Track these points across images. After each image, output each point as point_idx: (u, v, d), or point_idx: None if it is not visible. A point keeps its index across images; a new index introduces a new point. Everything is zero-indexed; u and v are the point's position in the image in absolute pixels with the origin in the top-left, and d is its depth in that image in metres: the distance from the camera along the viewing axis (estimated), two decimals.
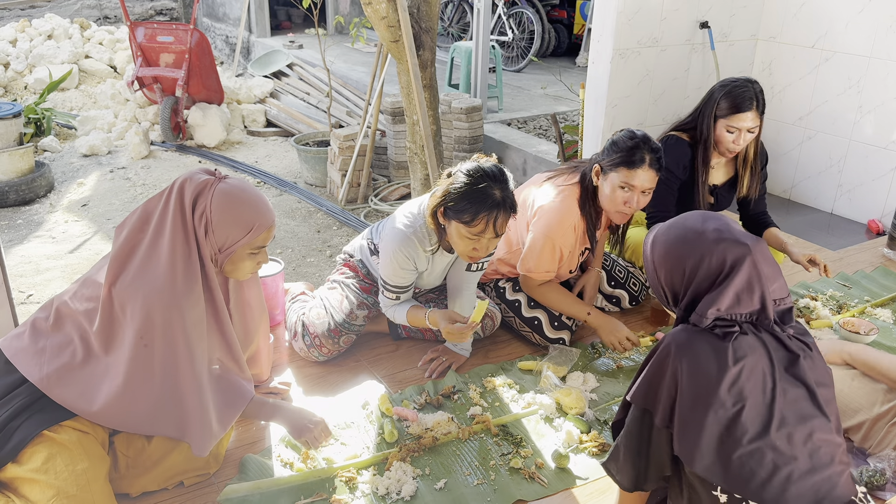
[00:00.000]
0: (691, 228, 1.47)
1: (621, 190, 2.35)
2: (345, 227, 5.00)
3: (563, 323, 2.60)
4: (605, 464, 1.57)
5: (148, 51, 6.45)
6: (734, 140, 2.70)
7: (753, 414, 1.36)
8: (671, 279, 1.48)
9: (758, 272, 1.42)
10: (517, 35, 8.18)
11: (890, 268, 3.35)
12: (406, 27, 3.99)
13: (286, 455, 2.05)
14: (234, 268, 1.88)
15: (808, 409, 1.40)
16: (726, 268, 1.42)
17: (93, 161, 6.10)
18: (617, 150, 2.35)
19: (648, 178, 2.34)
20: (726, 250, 1.42)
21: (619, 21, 3.88)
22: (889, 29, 3.77)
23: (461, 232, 2.13)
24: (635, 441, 1.48)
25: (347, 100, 7.10)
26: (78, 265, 4.32)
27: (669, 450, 1.43)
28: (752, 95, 2.65)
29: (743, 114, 2.65)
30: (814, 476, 1.36)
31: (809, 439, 1.38)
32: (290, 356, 2.55)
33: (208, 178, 1.81)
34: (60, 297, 1.82)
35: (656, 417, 1.43)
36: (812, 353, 1.47)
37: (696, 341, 1.40)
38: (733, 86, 2.68)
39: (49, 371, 1.71)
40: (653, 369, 1.44)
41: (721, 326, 1.41)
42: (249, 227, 1.82)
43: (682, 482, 1.46)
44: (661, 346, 1.45)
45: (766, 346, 1.42)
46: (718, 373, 1.37)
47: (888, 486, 1.91)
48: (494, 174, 2.12)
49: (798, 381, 1.42)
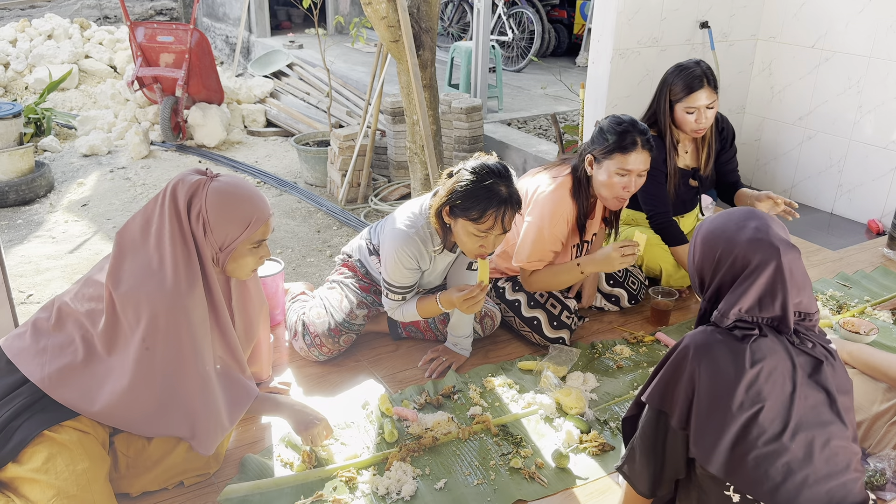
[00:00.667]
0: (734, 221, 1.49)
1: (618, 176, 2.39)
2: (345, 227, 5.00)
3: (563, 322, 2.60)
4: (621, 468, 1.55)
5: (148, 51, 6.45)
6: (696, 119, 2.78)
7: (771, 416, 1.35)
8: (702, 265, 1.51)
9: (783, 278, 1.41)
10: (517, 35, 8.18)
11: (890, 268, 3.35)
12: (406, 27, 3.99)
13: (286, 455, 2.05)
14: (237, 265, 1.88)
15: (827, 415, 1.40)
16: (751, 266, 1.42)
17: (93, 161, 6.10)
18: (607, 138, 2.39)
19: (643, 160, 2.38)
20: (756, 249, 1.43)
21: (619, 21, 3.89)
22: (889, 29, 3.77)
23: (469, 229, 2.13)
24: (651, 443, 1.47)
25: (347, 100, 7.10)
26: (78, 265, 4.32)
27: (685, 452, 1.43)
28: (701, 73, 2.75)
29: (696, 93, 2.74)
30: (829, 482, 1.36)
31: (827, 445, 1.37)
32: (290, 356, 2.55)
33: (200, 178, 1.81)
34: (61, 297, 1.82)
35: (672, 419, 1.42)
36: (834, 361, 1.46)
37: (714, 343, 1.40)
38: (681, 69, 2.79)
39: (51, 371, 1.71)
40: (670, 371, 1.44)
41: (741, 328, 1.41)
42: (247, 222, 1.82)
43: (691, 483, 1.46)
44: (679, 347, 1.44)
45: (788, 349, 1.41)
46: (736, 375, 1.36)
47: (888, 486, 1.91)
48: (499, 171, 2.13)
49: (819, 387, 1.41)
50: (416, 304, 2.37)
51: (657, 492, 1.50)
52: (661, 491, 1.50)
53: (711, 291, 1.49)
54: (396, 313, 2.42)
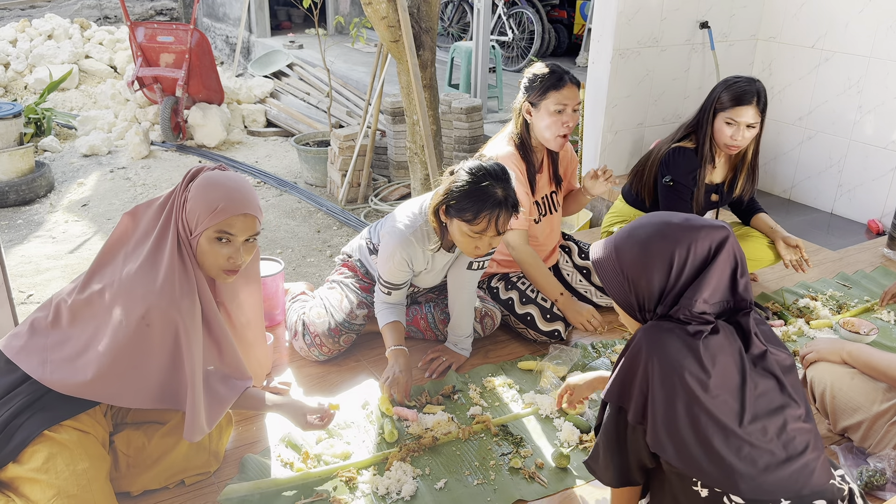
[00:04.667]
0: (663, 223, 1.45)
1: (557, 114, 2.52)
2: (345, 227, 5.00)
3: (556, 314, 2.61)
4: (587, 462, 1.58)
5: (148, 51, 6.46)
6: (732, 135, 2.70)
7: (726, 409, 1.37)
8: (651, 280, 1.43)
9: (736, 254, 1.43)
10: (517, 35, 8.18)
11: (890, 268, 3.35)
12: (406, 27, 3.99)
13: (286, 455, 2.05)
14: (204, 258, 1.80)
15: (779, 399, 1.41)
16: (712, 252, 1.42)
17: (93, 161, 6.11)
18: (538, 82, 2.55)
19: (575, 95, 2.54)
20: (709, 234, 1.42)
21: (619, 21, 3.89)
22: (889, 29, 3.77)
23: (463, 230, 2.13)
24: (613, 438, 1.48)
25: (347, 100, 7.10)
26: (78, 265, 4.33)
27: (646, 445, 1.44)
28: (754, 91, 2.67)
29: (743, 107, 2.66)
30: (791, 465, 1.38)
31: (783, 430, 1.39)
32: (290, 356, 2.55)
33: (205, 165, 1.85)
34: (59, 294, 1.82)
35: (629, 415, 1.43)
36: (774, 340, 1.49)
37: (666, 338, 1.40)
38: (736, 81, 2.72)
39: (53, 368, 1.72)
40: (625, 367, 1.44)
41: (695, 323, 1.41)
42: (214, 206, 1.75)
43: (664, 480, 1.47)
44: (632, 343, 1.44)
45: (736, 343, 1.43)
46: (690, 369, 1.37)
47: (888, 486, 1.91)
48: (496, 173, 2.13)
49: (768, 374, 1.43)
50: (388, 322, 2.35)
51: (627, 482, 1.52)
52: (632, 480, 1.51)
53: (672, 298, 1.43)
54: (378, 307, 2.41)
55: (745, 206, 3.06)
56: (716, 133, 2.76)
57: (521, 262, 2.64)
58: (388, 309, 2.38)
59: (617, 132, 4.22)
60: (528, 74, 2.61)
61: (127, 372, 1.73)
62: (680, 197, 2.81)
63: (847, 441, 2.10)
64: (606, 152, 4.23)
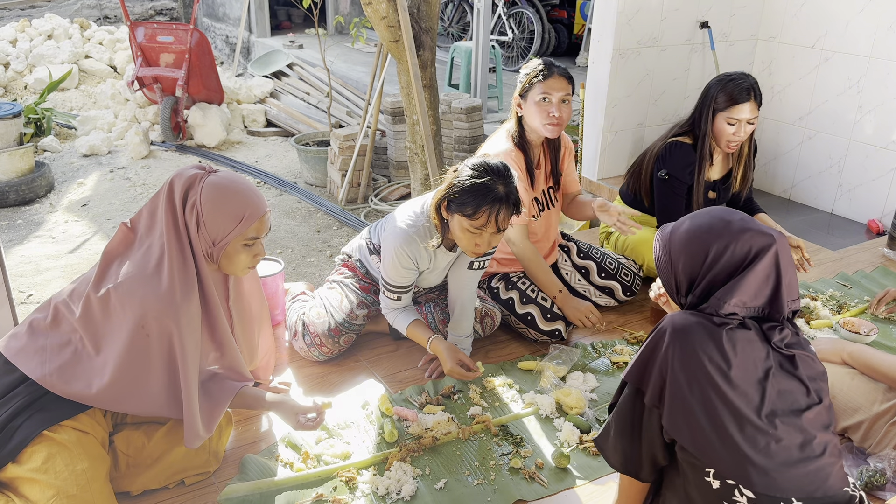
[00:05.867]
0: (717, 217, 1.49)
1: (544, 103, 2.55)
2: (345, 227, 5.00)
3: (556, 314, 2.62)
4: (596, 440, 1.59)
5: (148, 51, 6.46)
6: (735, 132, 2.75)
7: (745, 400, 1.37)
8: (690, 266, 1.49)
9: (778, 265, 1.43)
10: (517, 35, 8.18)
11: (890, 268, 3.35)
12: (406, 27, 3.99)
13: (286, 455, 2.05)
14: (230, 262, 1.86)
15: (803, 401, 1.42)
16: (750, 256, 1.43)
17: (93, 161, 6.11)
18: (527, 75, 2.59)
19: (562, 85, 2.56)
20: (752, 239, 1.44)
21: (619, 21, 3.89)
22: (889, 29, 3.77)
23: (463, 225, 2.14)
24: (626, 418, 1.50)
25: (347, 100, 7.10)
26: (78, 265, 4.33)
27: (660, 430, 1.44)
28: (749, 87, 2.71)
29: (741, 105, 2.71)
30: (806, 466, 1.38)
31: (802, 431, 1.39)
32: (290, 356, 2.55)
33: (198, 172, 1.81)
34: (58, 295, 1.82)
35: (646, 397, 1.45)
36: (808, 351, 1.49)
37: (692, 325, 1.42)
38: (729, 79, 2.75)
39: (51, 368, 1.72)
40: (647, 349, 1.47)
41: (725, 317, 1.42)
42: (240, 217, 1.80)
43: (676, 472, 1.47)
44: (658, 327, 1.47)
45: (763, 340, 1.43)
46: (711, 357, 1.38)
47: (888, 486, 1.91)
48: (499, 170, 2.14)
49: (793, 377, 1.43)
50: (410, 322, 2.38)
51: (632, 471, 1.52)
52: (639, 473, 1.51)
53: (702, 289, 1.48)
54: (391, 315, 2.42)
55: (744, 206, 3.07)
56: (717, 133, 2.79)
57: (522, 258, 2.65)
58: (403, 313, 2.40)
59: (617, 132, 4.22)
60: (522, 70, 2.65)
61: (131, 382, 1.74)
62: (674, 191, 2.82)
63: (847, 441, 2.09)
64: (606, 152, 4.23)
